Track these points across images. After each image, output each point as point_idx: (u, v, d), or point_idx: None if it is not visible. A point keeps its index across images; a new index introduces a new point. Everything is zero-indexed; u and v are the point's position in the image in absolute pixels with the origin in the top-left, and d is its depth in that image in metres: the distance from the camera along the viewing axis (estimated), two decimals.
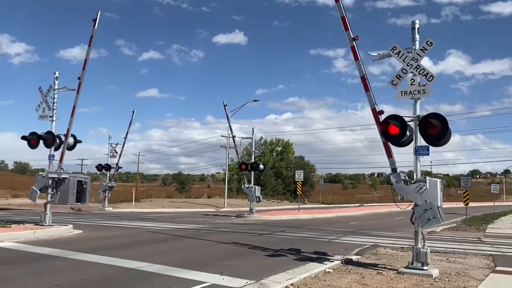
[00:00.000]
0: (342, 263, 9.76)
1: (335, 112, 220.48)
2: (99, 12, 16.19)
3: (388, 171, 9.50)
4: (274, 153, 76.52)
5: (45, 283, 7.35)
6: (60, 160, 16.79)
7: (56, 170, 16.47)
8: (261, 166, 29.94)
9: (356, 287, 7.20)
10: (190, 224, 21.35)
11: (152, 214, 29.89)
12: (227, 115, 32.05)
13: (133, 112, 35.37)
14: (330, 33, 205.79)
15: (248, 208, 30.09)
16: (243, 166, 30.46)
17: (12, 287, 7.02)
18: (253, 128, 30.98)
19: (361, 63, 9.80)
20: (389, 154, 9.43)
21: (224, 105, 31.82)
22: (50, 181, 16.28)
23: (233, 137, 32.56)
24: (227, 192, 43.99)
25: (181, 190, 68.89)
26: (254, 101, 43.93)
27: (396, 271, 8.74)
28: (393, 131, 9.03)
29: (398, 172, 9.08)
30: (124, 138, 35.61)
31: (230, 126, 32.99)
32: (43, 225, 15.83)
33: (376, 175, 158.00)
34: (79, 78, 16.51)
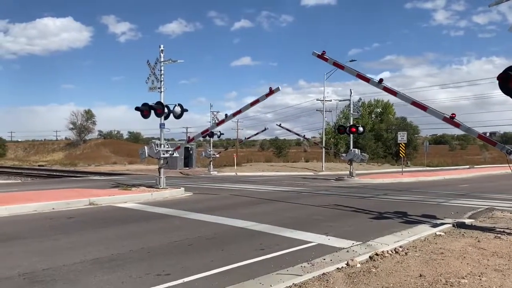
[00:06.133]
0: (454, 226, 9.25)
1: (437, 69, 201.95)
2: (275, 88, 16.33)
3: (501, 129, 8.92)
4: (373, 115, 73.72)
5: (166, 239, 8.14)
6: (175, 150, 18.77)
7: (167, 150, 18.12)
8: (360, 129, 28.97)
9: (471, 251, 6.79)
10: (290, 186, 21.79)
11: (253, 177, 30.98)
12: (283, 127, 32.46)
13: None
14: None
15: (347, 172, 29.71)
16: (341, 130, 29.92)
17: (140, 242, 7.89)
18: (350, 90, 29.88)
19: (402, 93, 10.88)
20: (492, 143, 9.24)
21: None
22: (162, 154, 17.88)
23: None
24: (324, 156, 43.76)
25: (279, 155, 70.09)
26: (350, 61, 41.51)
27: None
28: None
29: None
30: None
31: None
32: (158, 188, 17.41)
33: (488, 134, 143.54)
34: (232, 115, 18.79)
